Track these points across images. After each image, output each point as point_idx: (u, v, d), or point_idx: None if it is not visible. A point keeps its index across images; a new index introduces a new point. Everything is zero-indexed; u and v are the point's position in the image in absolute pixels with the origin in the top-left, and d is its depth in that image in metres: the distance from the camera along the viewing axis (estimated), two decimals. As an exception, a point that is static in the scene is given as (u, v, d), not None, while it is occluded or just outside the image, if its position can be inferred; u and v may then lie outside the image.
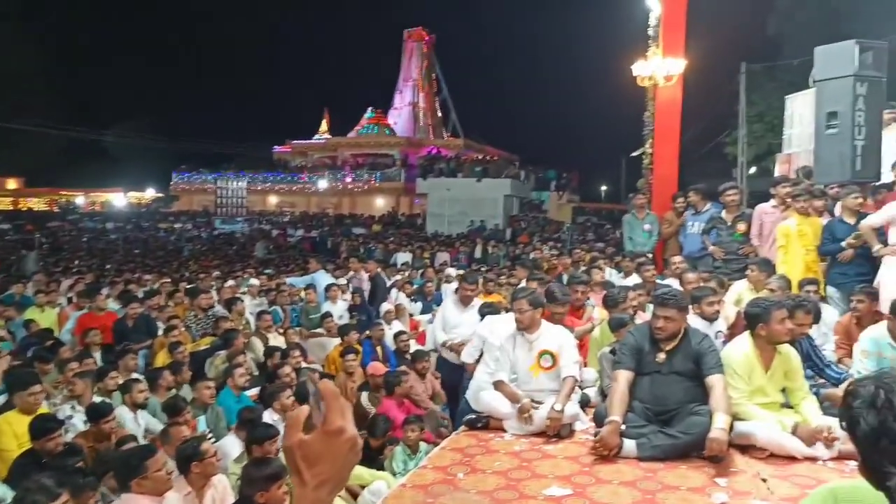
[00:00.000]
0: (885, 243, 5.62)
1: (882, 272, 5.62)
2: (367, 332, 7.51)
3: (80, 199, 47.01)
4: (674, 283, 6.26)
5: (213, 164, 41.87)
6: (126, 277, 12.24)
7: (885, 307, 4.86)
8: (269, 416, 4.86)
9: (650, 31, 9.40)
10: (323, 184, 38.60)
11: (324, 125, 46.15)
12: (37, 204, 45.75)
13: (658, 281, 6.59)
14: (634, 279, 6.98)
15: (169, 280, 11.93)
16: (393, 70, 47.58)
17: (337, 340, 7.52)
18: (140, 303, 8.14)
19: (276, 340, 7.35)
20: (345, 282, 10.69)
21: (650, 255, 7.92)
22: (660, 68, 8.80)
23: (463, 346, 5.68)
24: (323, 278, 9.93)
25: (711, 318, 4.97)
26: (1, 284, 11.04)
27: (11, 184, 50.15)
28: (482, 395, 4.39)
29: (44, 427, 4.09)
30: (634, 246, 8.29)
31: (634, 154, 10.63)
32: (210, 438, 4.83)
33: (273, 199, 40.39)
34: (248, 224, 31.99)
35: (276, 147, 45.94)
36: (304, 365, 6.57)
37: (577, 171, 38.94)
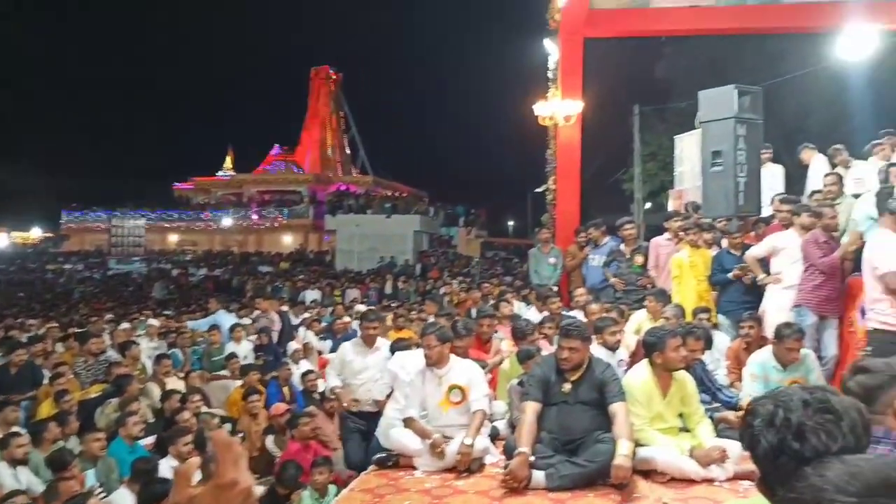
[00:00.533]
0: (768, 273, 6.04)
1: (766, 300, 6.03)
2: (274, 372, 7.27)
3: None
4: (579, 314, 6.45)
5: (108, 202, 39.76)
6: (7, 323, 11.34)
7: (769, 332, 5.21)
8: (167, 465, 4.58)
9: (550, 74, 9.83)
10: (227, 221, 37.50)
11: (228, 161, 45.04)
12: None
13: (564, 313, 6.77)
14: (541, 312, 7.13)
15: (56, 324, 11.14)
16: (300, 107, 47.30)
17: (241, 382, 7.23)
18: (25, 349, 7.54)
19: (176, 385, 6.97)
20: (250, 321, 10.35)
21: (555, 288, 8.14)
22: (559, 109, 9.17)
23: (352, 397, 5.37)
24: (225, 318, 9.57)
25: (613, 348, 5.14)
26: None
27: None
28: (392, 432, 4.32)
29: None
30: (540, 279, 8.49)
31: (538, 190, 10.99)
32: (100, 493, 4.50)
33: (173, 238, 38.80)
34: (146, 264, 30.52)
35: (176, 184, 44.30)
36: (204, 409, 6.26)
37: (485, 206, 39.77)
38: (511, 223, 47.02)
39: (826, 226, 5.65)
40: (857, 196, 6.54)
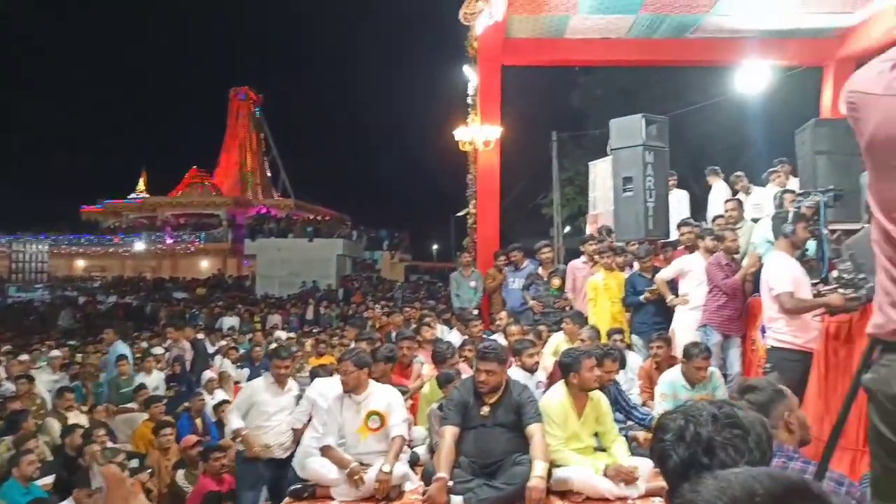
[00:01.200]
0: (676, 294, 6.30)
1: (675, 320, 6.29)
2: (186, 403, 6.98)
3: None
4: (500, 337, 6.52)
5: (8, 226, 37.41)
6: None
7: (679, 352, 5.42)
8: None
9: (469, 100, 10.01)
10: (140, 245, 35.97)
11: (141, 184, 43.31)
12: None
13: (484, 336, 6.83)
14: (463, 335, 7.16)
15: (-55, 357, 10.32)
16: (218, 129, 46.18)
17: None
18: None
19: (79, 419, 6.58)
20: (163, 351, 9.93)
21: (476, 311, 8.21)
22: (479, 134, 9.34)
23: (263, 443, 4.97)
24: (120, 349, 8.95)
25: (532, 370, 5.22)
26: None
27: None
28: (308, 461, 4.22)
29: None
30: (461, 302, 8.55)
31: (460, 214, 11.10)
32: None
33: (81, 263, 36.87)
34: (50, 291, 28.81)
35: (84, 206, 42.19)
36: (110, 445, 5.92)
37: (410, 230, 39.88)
38: (435, 247, 47.32)
39: (728, 249, 5.96)
40: (756, 220, 6.95)
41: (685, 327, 6.06)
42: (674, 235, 7.42)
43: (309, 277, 26.45)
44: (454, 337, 7.35)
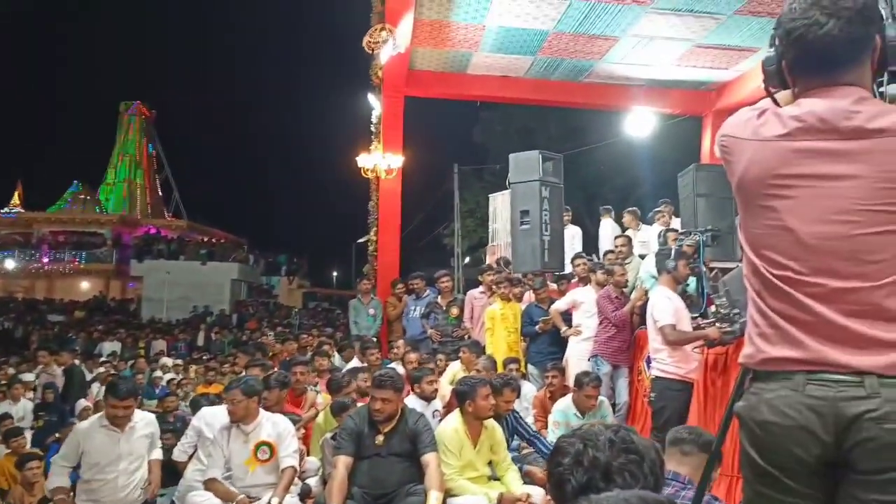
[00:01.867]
0: (570, 325, 6.52)
1: (568, 350, 6.50)
2: (58, 433, 6.45)
3: None
4: (397, 365, 6.48)
5: None
6: None
7: (571, 381, 5.59)
8: None
9: (373, 128, 10.05)
10: (11, 264, 33.19)
11: (16, 198, 40.16)
12: None
13: (383, 364, 6.77)
14: (357, 363, 7.07)
15: None
16: (105, 143, 43.73)
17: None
18: None
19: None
20: (33, 377, 9.16)
21: (375, 339, 8.14)
22: (381, 162, 9.38)
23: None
24: None
25: (430, 398, 5.21)
26: None
27: None
28: (191, 496, 3.99)
29: None
30: (360, 330, 8.46)
31: (360, 241, 11.04)
32: None
33: (-59, 281, 33.55)
34: None
35: (-51, 220, 38.58)
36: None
37: (309, 256, 39.12)
38: (335, 273, 46.68)
39: (617, 283, 6.26)
40: (642, 257, 7.35)
41: (578, 357, 6.28)
42: (568, 269, 7.71)
43: (201, 302, 25.38)
44: (350, 366, 7.24)
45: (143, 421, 4.28)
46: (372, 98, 9.92)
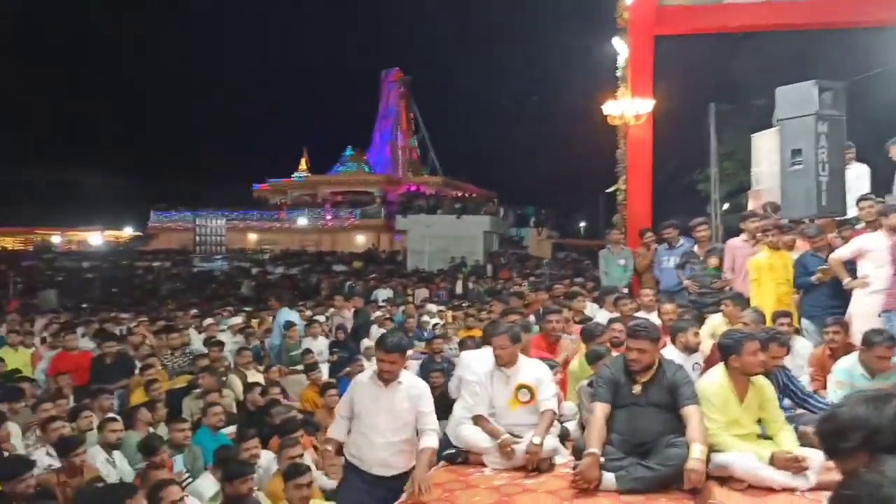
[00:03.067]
0: (854, 276, 5.78)
1: (852, 304, 5.77)
2: (347, 368, 7.49)
3: (56, 238, 46.44)
4: (647, 315, 6.34)
5: (192, 203, 41.71)
6: (102, 316, 12.08)
7: (856, 339, 4.99)
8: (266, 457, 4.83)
9: (619, 73, 9.69)
10: (303, 221, 38.62)
11: (303, 163, 46.35)
12: (11, 243, 45.07)
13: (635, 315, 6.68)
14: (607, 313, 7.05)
15: (146, 319, 11.80)
16: (371, 109, 48.14)
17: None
18: (117, 341, 8.05)
19: (256, 377, 7.31)
20: (324, 319, 10.67)
21: (626, 290, 8.03)
22: (629, 108, 9.04)
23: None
24: (287, 316, 9.73)
25: (694, 349, 5.04)
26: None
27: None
28: (461, 429, 4.39)
29: (13, 469, 4.01)
30: (610, 281, 8.40)
31: (609, 191, 10.83)
32: (186, 479, 4.77)
33: (253, 237, 40.27)
34: (227, 262, 31.79)
35: (255, 185, 45.95)
36: (283, 402, 6.53)
37: (556, 207, 39.42)
38: (582, 224, 46.41)
39: (917, 227, 5.37)
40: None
41: (865, 312, 5.55)
42: (852, 213, 6.78)
43: (457, 253, 27.08)
44: (604, 316, 7.26)
45: (409, 382, 4.08)
46: (617, 41, 9.55)
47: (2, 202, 44.97)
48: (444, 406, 5.22)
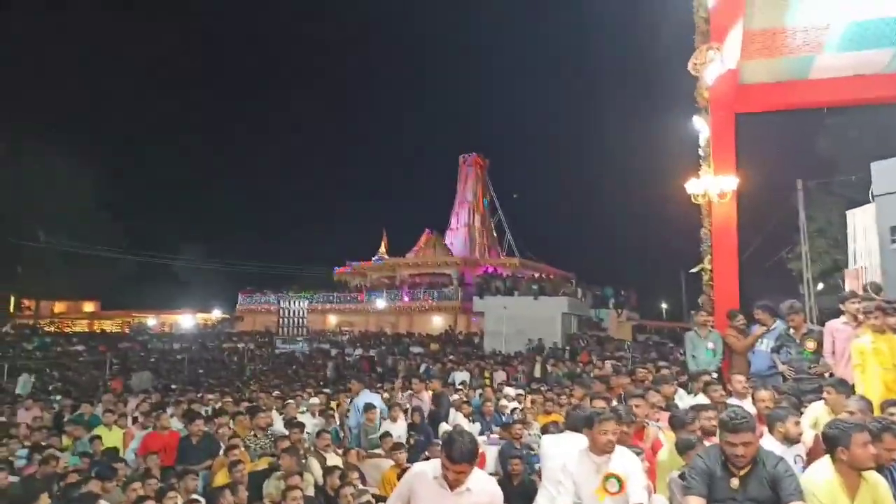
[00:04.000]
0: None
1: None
2: (426, 452, 7.38)
3: (151, 321, 48.93)
4: (740, 402, 6.00)
5: (276, 286, 43.33)
6: (190, 397, 12.48)
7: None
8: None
9: (701, 152, 9.58)
10: (381, 303, 39.22)
11: (382, 246, 47.54)
12: (110, 326, 47.77)
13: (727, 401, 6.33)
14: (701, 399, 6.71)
15: (230, 399, 12.10)
16: (449, 192, 49.29)
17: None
18: (204, 421, 8.27)
19: (335, 460, 7.30)
20: (403, 401, 10.64)
21: (715, 375, 7.65)
22: (712, 186, 8.88)
23: None
24: (367, 398, 9.74)
25: (794, 440, 4.71)
26: (72, 406, 11.40)
27: (88, 307, 52.87)
28: (545, 522, 4.21)
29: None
30: (698, 364, 8.05)
31: (693, 270, 10.51)
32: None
33: (333, 319, 41.11)
34: (308, 343, 32.45)
35: (336, 268, 47.36)
36: (360, 487, 6.46)
37: (635, 288, 38.51)
38: (664, 305, 45.05)
39: None
40: None
41: None
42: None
43: (534, 335, 26.66)
44: (688, 401, 6.91)
45: (479, 487, 3.49)
46: (698, 120, 9.51)
47: (104, 288, 48.17)
48: (525, 495, 5.05)
